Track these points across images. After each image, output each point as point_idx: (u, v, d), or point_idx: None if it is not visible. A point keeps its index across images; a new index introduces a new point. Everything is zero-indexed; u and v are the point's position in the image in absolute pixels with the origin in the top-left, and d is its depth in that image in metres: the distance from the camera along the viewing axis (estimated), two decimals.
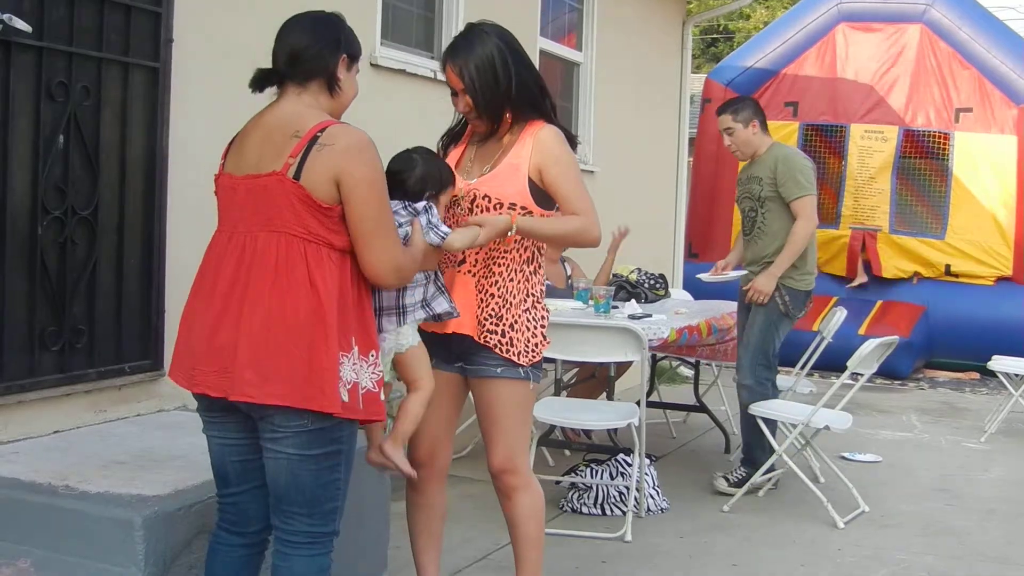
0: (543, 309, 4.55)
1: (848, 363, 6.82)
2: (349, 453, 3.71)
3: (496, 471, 4.53)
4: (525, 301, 4.46)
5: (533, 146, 4.40)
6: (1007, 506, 7.42)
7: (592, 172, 10.49)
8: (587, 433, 7.89)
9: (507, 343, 4.40)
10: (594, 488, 6.86)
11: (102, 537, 4.05)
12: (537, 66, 9.44)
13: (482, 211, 4.35)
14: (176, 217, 5.68)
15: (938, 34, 13.99)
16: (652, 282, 8.68)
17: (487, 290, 4.41)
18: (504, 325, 4.40)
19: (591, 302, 7.28)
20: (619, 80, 11.22)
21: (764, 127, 7.41)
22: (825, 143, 14.65)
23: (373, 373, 3.67)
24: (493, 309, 4.40)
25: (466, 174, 4.46)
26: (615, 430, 7.30)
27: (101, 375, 5.32)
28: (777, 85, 14.73)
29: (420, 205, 4.06)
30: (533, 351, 4.46)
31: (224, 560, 3.84)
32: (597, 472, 6.93)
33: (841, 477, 7.28)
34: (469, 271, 4.40)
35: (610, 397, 7.80)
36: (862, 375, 6.97)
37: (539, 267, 4.54)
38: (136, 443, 4.99)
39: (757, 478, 7.15)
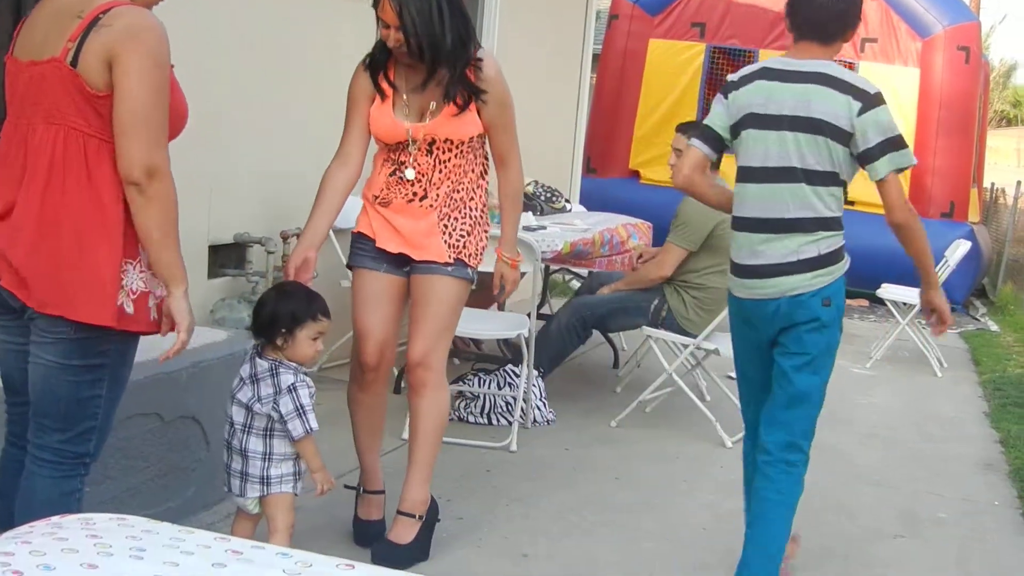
0: (487, 210, 4.81)
1: None
2: (117, 370, 3.52)
3: (414, 363, 4.65)
4: (480, 209, 4.71)
5: (477, 80, 4.53)
6: (887, 431, 7.54)
7: None
8: (476, 342, 7.88)
9: (462, 246, 4.66)
10: (481, 397, 6.86)
11: None
12: None
13: (444, 152, 4.57)
14: None
15: None
16: (548, 195, 8.64)
17: (451, 216, 4.63)
18: (465, 234, 4.66)
19: None
20: None
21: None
22: (732, 66, 14.61)
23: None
24: (461, 231, 4.65)
25: (408, 115, 4.55)
26: (505, 340, 7.30)
27: None
28: (685, 5, 14.63)
29: (285, 383, 4.04)
30: (479, 254, 4.72)
31: (9, 476, 3.64)
32: (485, 382, 6.93)
33: (730, 396, 7.33)
34: (431, 205, 4.60)
35: (501, 308, 7.78)
36: None
37: (486, 171, 4.77)
38: None
39: (646, 395, 7.19)
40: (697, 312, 7.00)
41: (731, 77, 4.49)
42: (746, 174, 4.33)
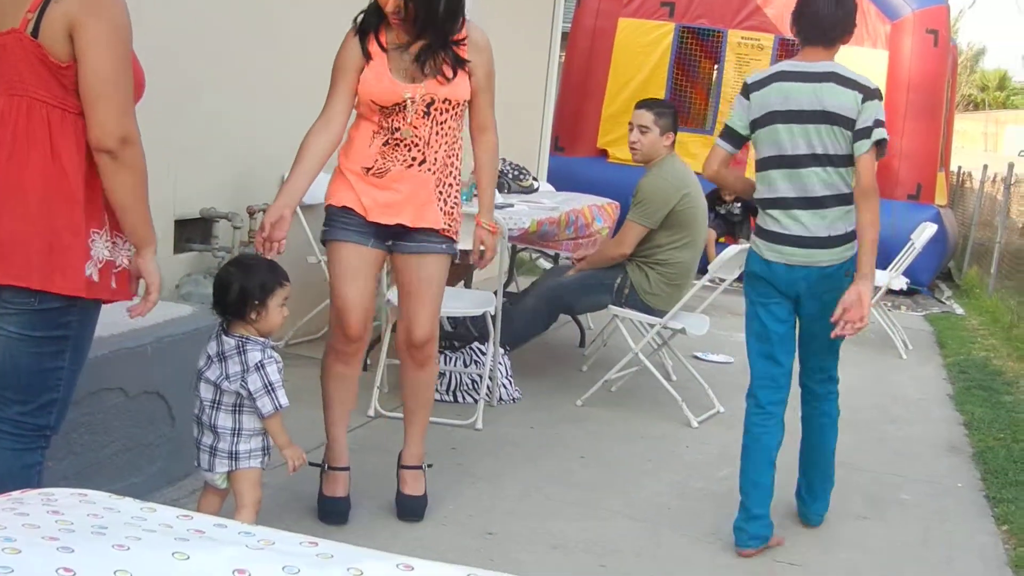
0: None
1: (709, 267, 6.85)
2: (79, 341, 3.49)
3: (422, 341, 4.85)
4: (459, 179, 4.84)
5: (470, 48, 4.66)
6: (852, 413, 7.52)
7: None
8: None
9: (453, 217, 4.82)
10: (447, 375, 6.85)
11: None
12: None
13: (441, 113, 4.62)
14: None
15: None
16: (516, 173, 8.63)
17: (445, 181, 4.72)
18: (455, 204, 4.81)
19: None
20: None
21: (673, 143, 7.18)
22: (701, 46, 14.65)
23: (129, 251, 3.50)
24: (455, 199, 4.77)
25: (404, 77, 4.58)
26: (471, 318, 7.29)
27: None
28: None
29: (252, 361, 4.00)
30: (459, 230, 4.88)
31: None
32: (451, 359, 6.91)
33: (696, 377, 7.36)
34: (429, 169, 4.67)
35: (468, 285, 7.78)
36: (724, 280, 7.03)
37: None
38: None
39: (612, 375, 7.20)
40: (661, 287, 6.99)
41: (749, 79, 5.10)
42: (774, 162, 4.95)
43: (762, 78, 5.02)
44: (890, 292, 10.42)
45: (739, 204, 13.48)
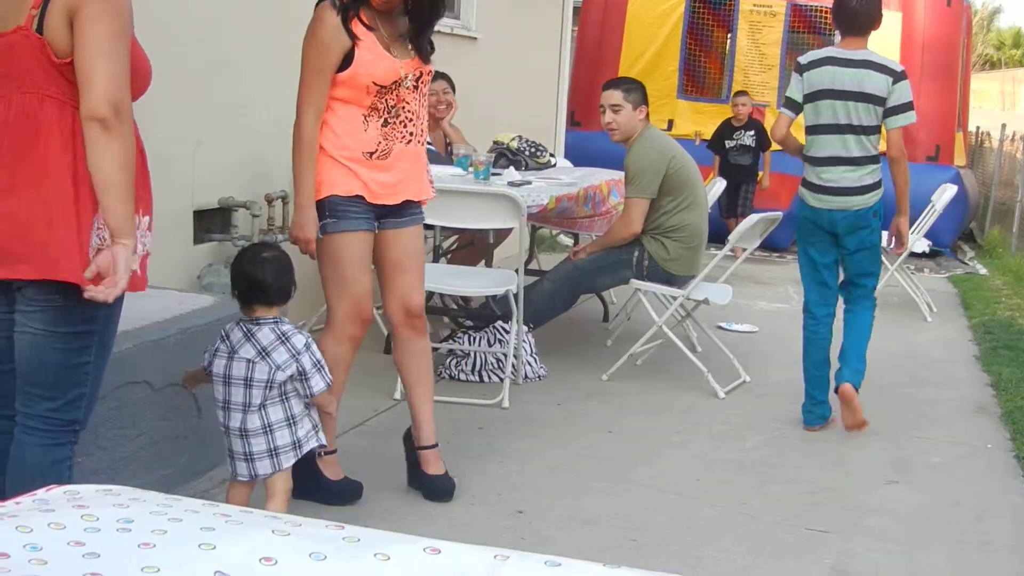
0: None
1: (730, 237, 6.86)
2: (104, 334, 3.48)
3: (416, 312, 4.89)
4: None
5: None
6: (878, 377, 7.51)
7: (475, 39, 10.33)
8: (466, 300, 7.87)
9: (433, 191, 4.93)
10: (472, 355, 6.86)
11: None
12: None
13: (424, 86, 4.71)
14: None
15: None
16: (533, 149, 8.61)
17: (426, 151, 4.81)
18: (431, 174, 4.93)
19: (471, 169, 7.19)
20: None
21: (647, 116, 7.18)
22: (713, 15, 14.57)
23: (146, 236, 3.47)
24: (428, 165, 4.88)
25: (396, 54, 4.58)
26: (494, 297, 7.28)
27: None
28: None
29: (300, 343, 4.10)
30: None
31: None
32: (475, 339, 6.92)
33: (721, 347, 7.35)
34: (419, 141, 4.72)
35: (489, 264, 7.77)
36: (745, 249, 7.02)
37: None
38: None
39: (636, 348, 7.20)
40: (679, 251, 6.99)
41: (802, 60, 6.27)
42: (822, 129, 6.14)
43: (814, 60, 6.18)
44: (912, 255, 10.39)
45: (752, 132, 13.32)
